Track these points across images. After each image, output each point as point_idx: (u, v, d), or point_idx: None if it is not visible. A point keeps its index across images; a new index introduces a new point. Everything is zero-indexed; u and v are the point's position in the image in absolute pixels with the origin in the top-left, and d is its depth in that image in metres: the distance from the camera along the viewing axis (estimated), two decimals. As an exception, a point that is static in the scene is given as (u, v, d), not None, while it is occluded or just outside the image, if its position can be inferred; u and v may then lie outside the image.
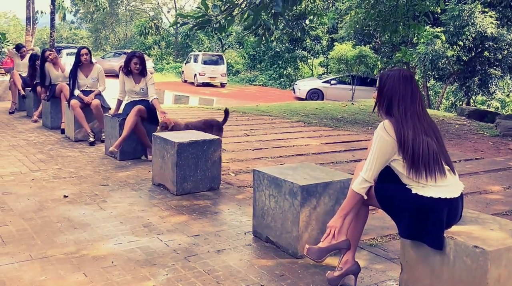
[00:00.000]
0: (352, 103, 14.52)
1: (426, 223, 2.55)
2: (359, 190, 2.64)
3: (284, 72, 29.56)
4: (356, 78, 20.06)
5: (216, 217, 4.02)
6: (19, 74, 9.72)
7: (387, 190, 2.70)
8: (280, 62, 29.60)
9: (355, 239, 2.89)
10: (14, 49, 10.10)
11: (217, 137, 4.83)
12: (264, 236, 3.50)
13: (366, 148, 6.89)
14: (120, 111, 6.33)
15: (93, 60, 7.46)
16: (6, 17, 46.77)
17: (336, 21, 24.42)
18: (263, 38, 7.88)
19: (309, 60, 30.94)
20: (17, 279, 2.84)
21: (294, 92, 22.04)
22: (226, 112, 5.69)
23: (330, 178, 3.38)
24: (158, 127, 5.56)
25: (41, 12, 36.25)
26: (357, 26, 17.18)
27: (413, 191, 2.60)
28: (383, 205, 2.74)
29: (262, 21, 6.95)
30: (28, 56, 9.89)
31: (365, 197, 2.68)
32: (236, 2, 7.16)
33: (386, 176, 2.69)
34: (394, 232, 3.75)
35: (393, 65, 21.37)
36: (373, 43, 22.82)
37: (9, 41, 10.04)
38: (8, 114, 9.45)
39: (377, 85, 2.74)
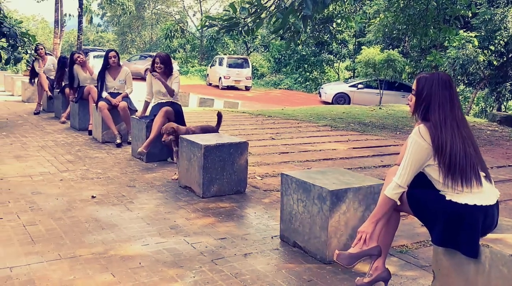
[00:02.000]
0: (380, 108, 14.38)
1: (461, 230, 2.51)
2: (392, 196, 2.61)
3: (310, 76, 29.48)
4: (384, 83, 19.86)
5: (243, 221, 4.02)
6: (47, 77, 9.94)
7: (420, 196, 2.66)
8: (306, 65, 29.54)
9: (386, 246, 2.85)
10: (35, 57, 10.26)
11: (244, 140, 4.84)
12: (291, 241, 3.49)
13: (395, 153, 6.84)
14: (147, 113, 6.41)
15: (121, 63, 7.57)
16: (35, 20, 47.90)
17: (364, 24, 24.28)
18: (292, 42, 7.87)
19: (335, 64, 30.81)
20: (46, 278, 2.89)
21: (320, 96, 21.95)
22: (219, 116, 5.67)
23: (360, 183, 3.35)
24: (164, 134, 5.41)
25: (69, 15, 37.02)
26: (386, 30, 17.03)
27: (447, 198, 2.55)
28: (415, 211, 2.71)
29: (291, 24, 6.95)
30: (48, 59, 10.10)
31: (398, 203, 2.65)
32: (264, 5, 7.18)
33: (419, 182, 2.66)
34: (425, 238, 3.70)
35: (421, 70, 21.12)
36: (402, 47, 22.58)
37: (38, 43, 10.23)
38: (37, 115, 9.67)
39: (413, 88, 2.70)
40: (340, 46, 29.69)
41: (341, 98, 20.85)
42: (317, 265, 3.18)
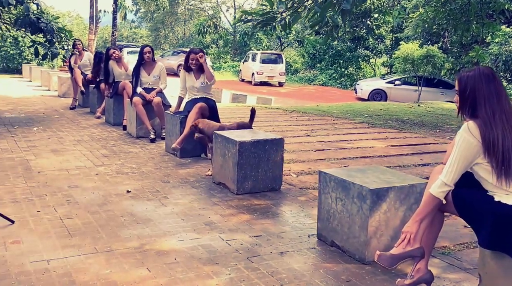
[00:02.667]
0: (418, 105, 14.10)
1: (510, 233, 2.41)
2: (437, 194, 2.53)
3: (345, 71, 29.17)
4: (422, 79, 19.47)
5: (278, 218, 4.00)
6: (81, 72, 10.15)
7: (467, 195, 2.58)
8: (341, 61, 29.24)
9: (429, 247, 2.78)
10: (72, 52, 10.49)
11: (280, 137, 4.81)
12: (329, 240, 3.44)
13: (435, 152, 6.69)
14: (181, 109, 6.45)
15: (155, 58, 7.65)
16: (70, 16, 48.97)
17: (402, 19, 23.85)
18: (330, 37, 7.78)
19: (371, 60, 30.38)
20: (83, 271, 2.94)
21: (356, 93, 21.70)
22: (252, 111, 5.63)
23: (402, 181, 3.28)
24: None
25: (104, 11, 37.74)
26: (425, 25, 16.66)
27: (496, 198, 2.47)
28: (461, 212, 2.63)
29: (329, 19, 6.86)
30: (85, 55, 10.31)
31: (444, 202, 2.57)
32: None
33: (466, 181, 2.58)
34: (469, 240, 3.60)
35: (462, 66, 20.60)
36: (441, 43, 22.07)
37: (74, 38, 10.45)
38: (73, 110, 9.90)
39: (456, 88, 2.62)
40: (376, 42, 29.25)
41: (378, 95, 20.56)
42: (355, 265, 3.13)
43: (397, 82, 20.76)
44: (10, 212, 3.89)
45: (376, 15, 17.01)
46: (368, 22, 18.72)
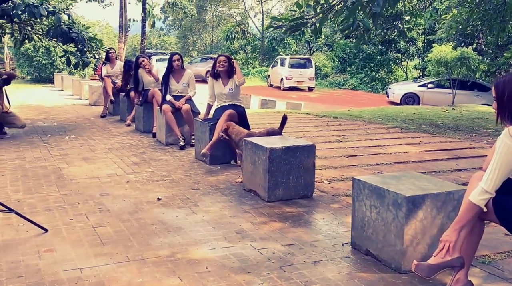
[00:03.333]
0: (453, 108, 13.82)
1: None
2: (478, 202, 2.46)
3: (376, 75, 28.86)
4: (457, 82, 19.09)
5: (311, 226, 3.95)
6: (112, 80, 10.35)
7: (508, 203, 2.50)
8: (372, 65, 28.94)
9: (469, 256, 2.70)
10: (104, 61, 10.74)
11: (311, 143, 4.77)
12: (364, 248, 3.38)
13: (471, 157, 6.53)
14: (210, 116, 6.49)
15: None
16: (100, 25, 50.06)
17: (434, 21, 23.48)
18: (361, 40, 7.71)
19: (403, 63, 29.99)
20: (115, 280, 2.96)
21: (388, 96, 21.45)
22: (284, 118, 5.60)
23: (438, 188, 3.20)
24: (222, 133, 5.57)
25: (133, 20, 38.46)
26: (459, 26, 16.35)
27: (539, 206, 2.38)
28: (502, 220, 2.55)
29: (359, 22, 6.81)
30: (117, 63, 10.51)
31: (485, 210, 2.50)
32: (332, 3, 7.08)
33: (507, 188, 2.50)
34: (510, 248, 3.50)
35: (497, 68, 20.12)
36: (476, 44, 21.62)
37: (105, 47, 10.68)
38: (103, 119, 10.08)
39: (493, 95, 2.55)
40: (408, 44, 28.86)
41: (410, 99, 20.27)
42: (391, 275, 3.06)
43: (430, 85, 20.42)
44: (44, 220, 3.96)
45: (407, 18, 16.78)
46: (400, 25, 18.51)
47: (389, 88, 22.15)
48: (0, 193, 4.75)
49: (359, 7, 7.25)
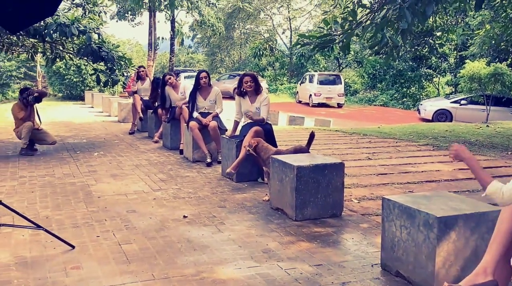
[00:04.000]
0: (487, 126, 13.52)
1: None
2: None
3: (407, 91, 28.53)
4: (491, 98, 18.71)
5: (340, 246, 3.90)
6: (141, 97, 10.53)
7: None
8: (403, 81, 28.65)
9: (503, 280, 2.61)
10: (135, 78, 10.97)
11: (340, 161, 4.73)
12: (394, 270, 3.31)
13: (506, 175, 6.35)
14: (237, 133, 6.52)
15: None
16: (130, 43, 51.21)
17: (466, 37, 23.19)
18: (390, 57, 7.66)
19: (434, 79, 29.60)
20: (141, 298, 2.97)
21: (419, 113, 21.16)
22: (311, 135, 5.55)
23: (472, 209, 3.12)
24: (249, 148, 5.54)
25: (162, 38, 39.22)
26: (492, 41, 16.10)
27: None
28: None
29: (388, 39, 6.76)
30: (147, 81, 10.70)
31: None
32: (359, 20, 7.07)
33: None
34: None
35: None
36: (510, 60, 21.20)
37: (134, 66, 10.89)
38: (132, 135, 10.24)
39: None
40: (440, 60, 28.50)
41: (442, 115, 19.94)
42: (423, 299, 2.98)
43: (463, 101, 20.07)
44: (71, 236, 4.02)
45: (438, 34, 16.60)
46: (431, 40, 18.33)
47: (421, 104, 21.86)
48: (29, 209, 4.84)
49: (387, 24, 7.21)
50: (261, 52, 35.92)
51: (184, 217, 4.60)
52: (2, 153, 8.14)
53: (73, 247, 3.78)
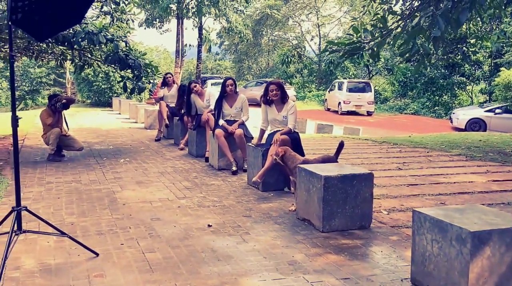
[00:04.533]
0: (523, 136, 13.16)
1: None
2: None
3: (439, 100, 28.07)
4: (528, 107, 18.26)
5: (368, 259, 3.82)
6: (167, 105, 10.64)
7: None
8: (435, 89, 28.22)
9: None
10: (161, 85, 11.12)
11: (369, 171, 4.65)
12: (424, 285, 3.21)
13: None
14: (263, 141, 6.49)
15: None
16: (158, 51, 51.91)
17: (502, 44, 22.71)
18: (421, 65, 7.53)
19: (468, 87, 29.06)
20: (163, 308, 2.96)
21: (452, 122, 20.78)
22: (341, 145, 5.46)
23: (508, 223, 3.02)
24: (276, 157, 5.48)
25: (189, 45, 39.64)
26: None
27: None
28: None
29: (419, 46, 6.65)
30: (174, 87, 10.80)
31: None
32: (390, 28, 6.99)
33: None
34: None
35: None
36: (548, 67, 20.66)
37: (161, 73, 11.01)
38: (158, 142, 10.34)
39: None
40: (473, 68, 27.98)
41: (476, 124, 19.54)
42: (456, 317, 2.88)
43: (497, 110, 19.62)
44: (95, 244, 4.05)
45: (472, 41, 16.30)
46: (464, 48, 18.01)
47: (453, 113, 21.47)
48: (55, 216, 4.91)
49: (419, 31, 7.10)
50: (289, 59, 35.94)
51: (209, 226, 4.58)
52: (30, 159, 8.30)
53: (97, 254, 3.81)
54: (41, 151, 8.96)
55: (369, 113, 25.76)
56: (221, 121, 7.32)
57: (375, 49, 7.02)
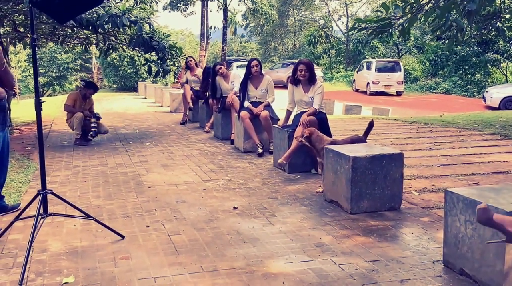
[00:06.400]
0: (561, 114, 12.73)
1: None
2: None
3: (472, 78, 27.39)
4: None
5: (398, 241, 3.74)
6: (191, 88, 10.63)
7: None
8: (467, 67, 27.52)
9: None
10: (185, 69, 11.13)
11: (399, 151, 4.54)
12: (457, 268, 3.13)
13: None
14: (290, 122, 6.41)
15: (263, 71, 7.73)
16: (183, 34, 51.95)
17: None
18: (454, 41, 7.29)
19: (502, 65, 28.25)
20: (189, 290, 2.95)
21: (485, 101, 20.25)
22: (370, 124, 5.33)
23: (546, 202, 2.89)
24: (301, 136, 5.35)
25: (214, 27, 39.52)
26: None
27: None
28: None
29: (452, 21, 6.42)
30: (197, 71, 10.78)
31: None
32: (422, 2, 6.76)
33: None
34: None
35: None
36: None
37: (184, 55, 10.97)
38: (183, 125, 10.36)
39: None
40: (508, 45, 27.14)
41: (510, 103, 19.00)
42: (491, 300, 2.80)
43: (534, 88, 19.05)
44: (121, 226, 4.07)
45: (507, 16, 15.74)
46: (498, 23, 17.45)
47: (486, 91, 20.91)
48: (81, 199, 4.96)
49: (453, 5, 6.86)
50: (316, 39, 35.52)
51: (234, 208, 4.56)
52: (57, 143, 8.43)
53: (123, 237, 3.83)
54: (68, 135, 9.08)
55: (398, 94, 25.33)
56: (246, 103, 7.26)
57: (406, 26, 6.80)
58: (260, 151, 6.95)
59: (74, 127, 8.14)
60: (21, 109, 15.98)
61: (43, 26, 10.39)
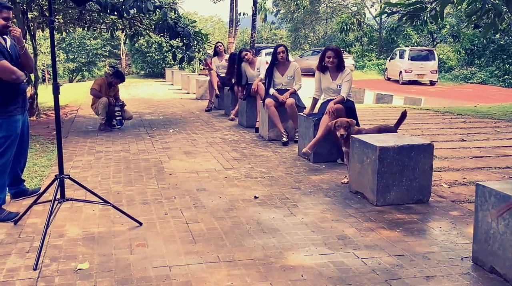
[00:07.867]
0: None
1: None
2: None
3: (510, 68, 26.61)
4: None
5: (425, 236, 3.61)
6: (218, 75, 10.56)
7: None
8: (505, 57, 26.73)
9: None
10: (212, 55, 11.08)
11: (429, 142, 4.39)
12: (487, 265, 2.99)
13: None
14: (316, 110, 6.29)
15: (290, 58, 7.59)
16: (212, 20, 51.92)
17: None
18: (491, 27, 7.00)
19: (543, 54, 27.35)
20: (203, 281, 2.90)
21: (523, 92, 19.67)
22: (403, 115, 5.14)
23: None
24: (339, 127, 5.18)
25: (244, 14, 39.31)
26: None
27: None
28: None
29: (490, 6, 6.16)
30: (226, 57, 10.70)
31: None
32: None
33: None
34: None
35: None
36: None
37: (210, 41, 10.89)
38: (208, 113, 10.33)
39: None
40: (550, 33, 26.26)
41: (551, 95, 18.40)
42: (523, 301, 2.66)
43: None
44: (139, 213, 4.05)
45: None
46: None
47: (525, 82, 20.30)
48: (102, 184, 4.97)
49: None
50: (348, 27, 35.02)
51: (255, 197, 4.49)
52: (82, 128, 8.50)
53: (140, 224, 3.80)
54: (93, 121, 9.15)
55: (432, 83, 24.81)
56: (271, 91, 7.16)
57: (438, 9, 6.57)
58: (284, 139, 6.85)
59: (99, 113, 8.19)
60: (49, 95, 16.19)
61: (70, 11, 10.47)
